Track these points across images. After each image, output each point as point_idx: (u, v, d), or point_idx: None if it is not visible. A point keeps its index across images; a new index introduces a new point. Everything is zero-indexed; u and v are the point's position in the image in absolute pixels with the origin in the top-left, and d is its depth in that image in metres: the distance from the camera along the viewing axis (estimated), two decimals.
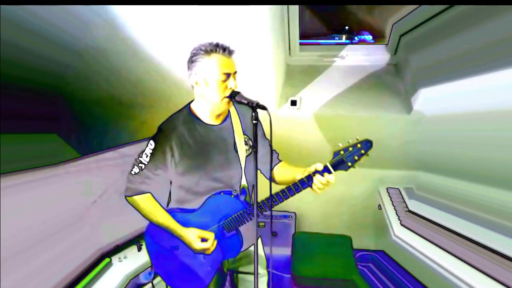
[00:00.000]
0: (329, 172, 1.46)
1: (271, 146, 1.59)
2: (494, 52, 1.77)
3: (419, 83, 2.46)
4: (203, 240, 1.57)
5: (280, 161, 1.77)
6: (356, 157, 1.45)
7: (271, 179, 1.71)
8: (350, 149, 1.45)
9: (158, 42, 2.33)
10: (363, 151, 1.44)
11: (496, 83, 1.78)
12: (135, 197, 1.60)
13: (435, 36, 2.24)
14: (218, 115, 1.59)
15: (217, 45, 1.47)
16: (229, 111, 1.64)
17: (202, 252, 1.59)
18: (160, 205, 1.63)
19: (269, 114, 1.33)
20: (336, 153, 1.46)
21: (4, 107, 1.82)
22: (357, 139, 1.45)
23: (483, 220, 1.86)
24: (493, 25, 1.74)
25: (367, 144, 1.44)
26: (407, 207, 2.68)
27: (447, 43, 2.12)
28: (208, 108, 1.56)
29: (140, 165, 1.56)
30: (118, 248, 2.24)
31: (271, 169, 1.67)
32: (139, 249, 2.25)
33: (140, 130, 2.90)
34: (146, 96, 2.91)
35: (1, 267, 1.46)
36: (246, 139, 1.65)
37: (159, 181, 1.60)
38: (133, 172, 1.58)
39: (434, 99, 2.37)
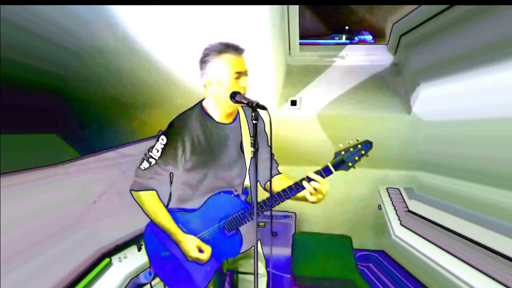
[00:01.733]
0: (330, 172, 1.48)
1: (271, 152, 1.59)
2: (494, 52, 1.77)
3: (419, 83, 2.46)
4: (200, 250, 1.58)
5: (280, 173, 1.77)
6: (356, 158, 1.47)
7: (263, 186, 1.72)
8: (351, 149, 1.47)
9: (159, 42, 2.33)
10: (363, 152, 1.47)
11: (496, 83, 1.78)
12: (141, 193, 1.59)
13: (435, 36, 2.24)
14: (229, 114, 1.60)
15: (227, 45, 1.49)
16: (238, 111, 1.65)
17: (195, 261, 1.59)
18: (164, 206, 1.63)
19: (269, 114, 1.34)
20: (337, 154, 1.48)
21: (4, 107, 1.82)
22: (358, 140, 1.47)
23: (483, 220, 1.86)
24: (494, 25, 1.74)
25: (367, 145, 1.47)
26: (407, 207, 2.68)
27: (447, 43, 2.12)
28: (220, 106, 1.57)
29: (150, 160, 1.55)
30: (118, 248, 2.24)
31: (271, 178, 1.68)
32: (139, 249, 2.25)
33: (140, 130, 2.90)
34: (146, 96, 2.91)
35: (1, 267, 1.46)
36: (252, 141, 1.66)
37: (167, 177, 1.60)
38: (142, 167, 1.57)
39: (434, 99, 2.37)
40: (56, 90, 2.48)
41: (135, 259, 2.17)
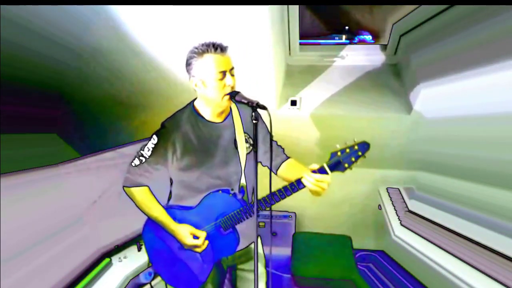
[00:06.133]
0: (326, 173, 1.45)
1: (271, 142, 1.59)
2: (494, 52, 1.77)
3: (419, 83, 2.46)
4: (195, 237, 1.60)
5: (288, 157, 1.76)
6: (353, 159, 1.44)
7: (276, 173, 1.72)
8: (347, 150, 1.44)
9: (158, 42, 2.33)
10: (360, 153, 1.43)
11: (496, 83, 1.78)
12: (132, 189, 1.63)
13: (435, 36, 2.24)
14: (221, 113, 1.61)
15: (208, 45, 1.47)
16: (230, 109, 1.66)
17: (192, 248, 1.61)
18: (157, 200, 1.65)
19: (269, 114, 1.34)
20: (333, 154, 1.46)
21: (4, 107, 1.82)
22: (355, 141, 1.45)
23: (483, 220, 1.86)
24: (493, 25, 1.74)
25: (364, 146, 1.44)
26: (407, 207, 2.68)
27: (447, 43, 2.12)
28: (210, 106, 1.58)
29: (141, 158, 1.58)
30: (118, 248, 2.24)
31: (277, 167, 1.71)
32: (139, 249, 2.25)
33: (140, 130, 2.90)
34: (146, 96, 2.91)
35: (1, 267, 1.46)
36: (246, 137, 1.66)
37: (158, 175, 1.62)
38: (133, 164, 1.60)
39: (434, 99, 2.37)
40: (56, 90, 2.48)
41: (135, 259, 2.17)
